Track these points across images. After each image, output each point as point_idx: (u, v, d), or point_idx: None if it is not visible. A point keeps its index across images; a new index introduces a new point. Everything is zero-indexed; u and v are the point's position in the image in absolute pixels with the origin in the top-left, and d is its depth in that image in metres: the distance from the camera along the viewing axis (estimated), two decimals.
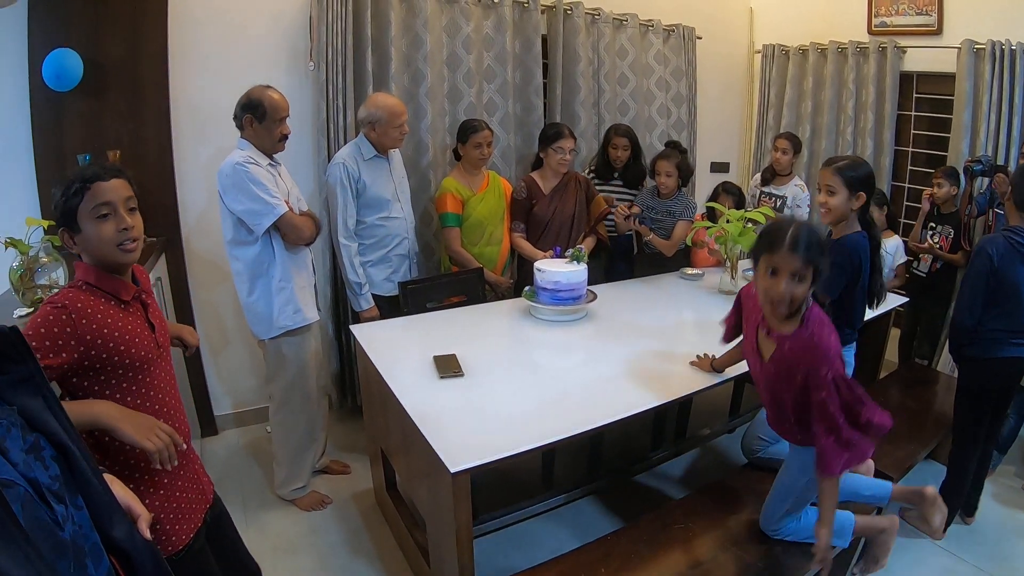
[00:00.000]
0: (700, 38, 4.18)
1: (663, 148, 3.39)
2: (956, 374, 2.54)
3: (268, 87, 2.36)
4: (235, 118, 2.35)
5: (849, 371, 2.25)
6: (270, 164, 2.40)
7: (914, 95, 4.13)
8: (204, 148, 2.90)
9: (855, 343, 2.28)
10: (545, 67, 3.64)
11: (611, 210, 3.18)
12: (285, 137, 2.40)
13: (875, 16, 4.16)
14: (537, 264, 2.50)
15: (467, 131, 2.99)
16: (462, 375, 1.98)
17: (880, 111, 4.11)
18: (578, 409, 1.82)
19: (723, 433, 3.05)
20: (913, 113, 4.16)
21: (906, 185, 4.21)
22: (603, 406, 1.83)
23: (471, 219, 3.03)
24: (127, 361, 1.31)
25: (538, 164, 3.22)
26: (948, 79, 3.84)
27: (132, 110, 2.69)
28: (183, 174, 2.90)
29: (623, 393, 1.94)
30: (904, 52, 4.03)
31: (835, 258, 1.99)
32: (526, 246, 3.08)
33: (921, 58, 3.98)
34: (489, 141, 3.01)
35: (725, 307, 2.71)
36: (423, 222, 3.34)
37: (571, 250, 2.54)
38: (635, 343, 2.34)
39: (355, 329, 2.41)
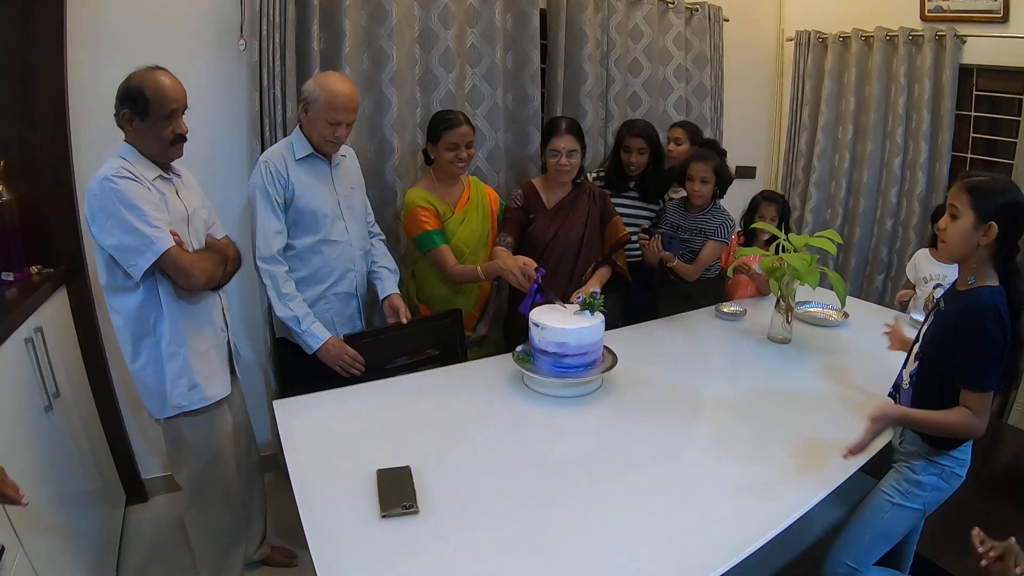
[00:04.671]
0: (727, 20, 3.52)
1: (697, 148, 2.71)
2: None
3: (155, 69, 1.68)
4: (115, 115, 1.69)
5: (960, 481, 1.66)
6: (161, 177, 1.73)
7: (974, 92, 3.51)
8: (112, 154, 2.22)
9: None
10: (544, 49, 2.95)
11: (631, 238, 2.50)
12: (181, 138, 1.73)
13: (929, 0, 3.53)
14: (534, 317, 1.81)
15: (439, 127, 2.27)
16: (416, 512, 1.28)
17: (936, 110, 3.48)
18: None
19: None
20: (972, 113, 3.53)
21: None
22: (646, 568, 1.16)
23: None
24: None
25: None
26: (1015, 75, 3.28)
27: (20, 108, 2.14)
28: (85, 187, 2.20)
29: (678, 535, 1.28)
30: (963, 42, 3.40)
31: (968, 332, 1.49)
32: (501, 253, 2.29)
33: (983, 49, 3.37)
34: (469, 140, 2.29)
35: (787, 366, 2.13)
36: (387, 246, 2.63)
37: (581, 295, 1.84)
38: (678, 433, 1.68)
39: (279, 407, 1.72)
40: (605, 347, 1.88)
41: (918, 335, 1.70)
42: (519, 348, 1.90)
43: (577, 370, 1.75)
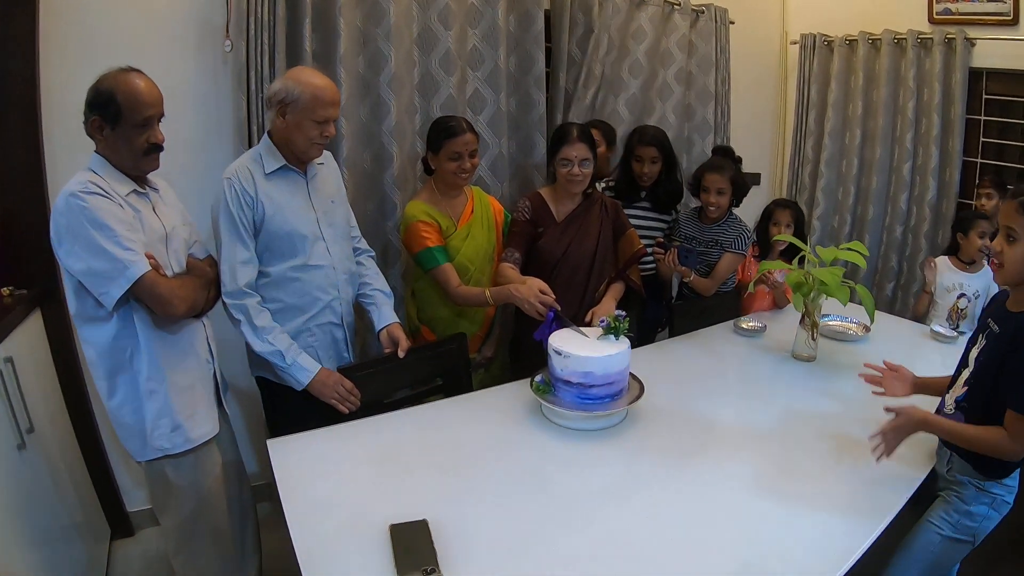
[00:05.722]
0: (733, 23, 3.40)
1: (711, 156, 2.58)
2: None
3: (128, 71, 1.50)
4: (84, 122, 1.51)
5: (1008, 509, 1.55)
6: (135, 192, 1.55)
7: (983, 96, 3.43)
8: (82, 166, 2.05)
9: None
10: (548, 51, 2.81)
11: (647, 252, 2.36)
12: (156, 148, 1.55)
13: (937, 2, 3.45)
14: (556, 344, 1.64)
15: (440, 135, 2.09)
16: None
17: (947, 114, 3.40)
18: None
19: None
20: (982, 117, 3.45)
21: (973, 202, 3.48)
22: None
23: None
24: None
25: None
26: None
27: None
28: None
29: None
30: (973, 45, 3.31)
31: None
32: (509, 273, 2.11)
33: (992, 52, 3.30)
34: (472, 149, 2.11)
35: (816, 387, 1.98)
36: (385, 262, 2.47)
37: (604, 319, 1.69)
38: (712, 467, 1.53)
39: (273, 447, 1.55)
40: (632, 375, 1.73)
41: (965, 358, 1.59)
42: (538, 378, 1.73)
43: (603, 401, 1.59)
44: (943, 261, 2.88)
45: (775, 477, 1.51)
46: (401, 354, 1.91)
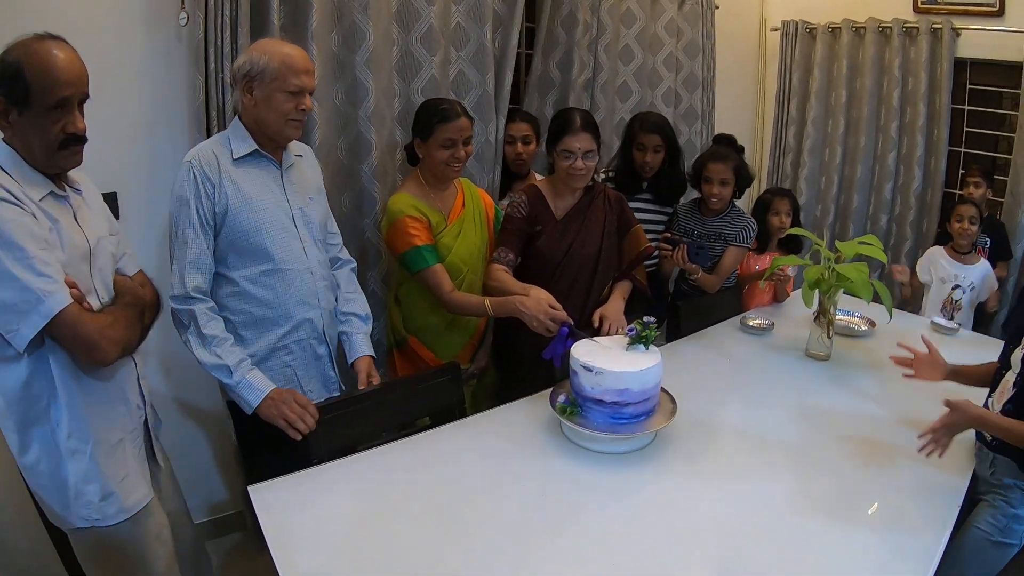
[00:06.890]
0: (718, 7, 3.27)
1: (712, 144, 2.43)
2: None
3: (45, 38, 1.18)
4: None
5: None
6: (52, 195, 1.24)
7: (968, 86, 3.40)
8: None
9: None
10: (532, 33, 2.60)
11: (655, 249, 2.20)
12: (75, 140, 1.22)
13: None
14: (582, 359, 1.43)
15: (432, 119, 1.85)
16: None
17: (932, 104, 3.35)
18: None
19: None
20: (966, 107, 3.42)
21: (958, 191, 3.45)
22: None
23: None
24: None
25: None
26: (1009, 69, 3.19)
27: None
28: None
29: None
30: (958, 35, 3.27)
31: None
32: (505, 278, 1.90)
33: (976, 43, 3.27)
34: (467, 136, 1.89)
35: (841, 390, 1.84)
36: (364, 262, 2.22)
37: (632, 327, 1.50)
38: (754, 484, 1.39)
39: (256, 495, 1.30)
40: (663, 391, 1.55)
41: (1006, 361, 1.52)
42: (561, 398, 1.52)
43: (638, 420, 1.41)
44: (938, 251, 2.84)
45: (817, 492, 1.39)
46: (361, 387, 1.66)
